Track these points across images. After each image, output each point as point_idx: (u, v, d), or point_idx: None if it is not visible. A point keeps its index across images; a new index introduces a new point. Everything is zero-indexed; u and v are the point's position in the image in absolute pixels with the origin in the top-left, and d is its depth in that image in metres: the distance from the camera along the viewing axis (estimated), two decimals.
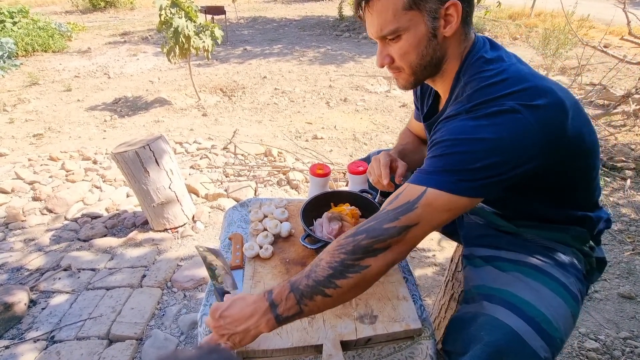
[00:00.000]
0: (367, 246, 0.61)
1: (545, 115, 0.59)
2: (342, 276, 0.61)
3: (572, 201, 0.76)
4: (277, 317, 0.62)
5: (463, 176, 0.60)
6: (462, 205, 0.62)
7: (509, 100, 0.59)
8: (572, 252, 0.77)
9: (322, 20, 9.05)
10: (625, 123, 3.15)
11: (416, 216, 0.61)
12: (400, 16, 0.63)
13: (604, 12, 7.79)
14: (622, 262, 1.78)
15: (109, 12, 11.32)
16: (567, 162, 0.68)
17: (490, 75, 0.63)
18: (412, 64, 0.68)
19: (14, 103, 4.18)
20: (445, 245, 1.98)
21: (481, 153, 0.59)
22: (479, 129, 0.59)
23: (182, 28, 3.30)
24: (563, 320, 0.67)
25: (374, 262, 0.61)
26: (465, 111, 0.62)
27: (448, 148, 0.61)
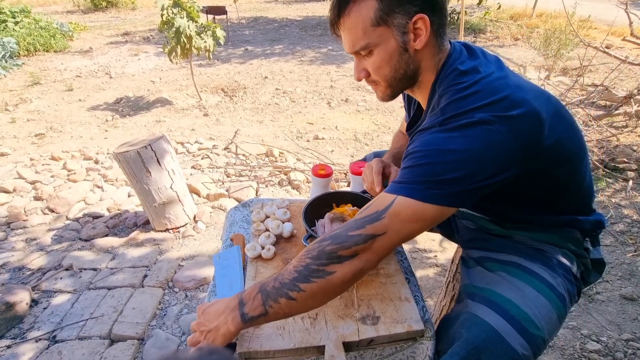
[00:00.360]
0: (331, 252, 0.61)
1: (518, 126, 0.59)
2: (306, 280, 0.61)
3: (561, 206, 0.76)
4: (242, 315, 0.63)
5: (432, 186, 0.60)
6: (431, 214, 0.61)
7: (481, 113, 0.59)
8: (562, 253, 0.77)
9: (324, 21, 9.05)
10: (627, 124, 3.14)
11: (383, 225, 0.61)
12: (370, 32, 0.65)
13: (605, 12, 7.78)
14: (624, 264, 1.78)
15: (110, 12, 11.35)
16: (547, 170, 0.68)
17: (463, 88, 0.63)
18: (386, 77, 0.70)
19: (16, 103, 4.19)
20: (447, 246, 1.98)
21: (451, 164, 0.59)
22: (449, 140, 0.60)
23: (184, 28, 3.30)
24: (546, 320, 0.67)
25: (339, 268, 0.61)
26: (438, 124, 0.63)
27: (419, 159, 0.62)
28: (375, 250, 0.62)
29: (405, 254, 0.96)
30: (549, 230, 0.78)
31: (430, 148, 0.61)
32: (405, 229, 0.62)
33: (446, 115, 0.62)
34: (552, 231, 0.78)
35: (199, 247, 1.98)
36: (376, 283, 0.82)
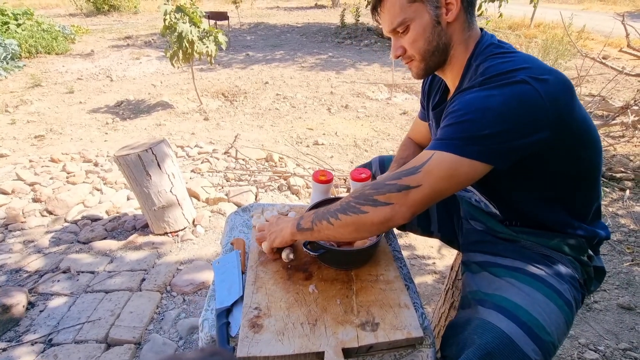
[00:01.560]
0: (368, 195, 0.69)
1: (553, 90, 0.63)
2: (343, 212, 0.71)
3: (573, 204, 0.77)
4: (298, 225, 0.79)
5: (470, 141, 0.63)
6: (465, 170, 0.64)
7: (520, 73, 0.63)
8: (568, 261, 0.78)
9: (324, 27, 9.14)
10: (624, 134, 3.18)
11: (418, 178, 0.65)
12: (406, 9, 0.72)
13: (603, 24, 7.89)
14: (621, 273, 1.78)
15: (112, 16, 11.42)
16: (574, 147, 0.70)
17: (501, 54, 0.69)
18: (420, 50, 0.75)
19: (16, 104, 4.19)
20: (445, 253, 1.98)
21: (490, 120, 0.62)
22: (489, 98, 0.63)
23: (186, 33, 3.33)
24: (556, 326, 0.67)
25: (372, 210, 0.68)
26: (478, 84, 0.67)
27: (459, 117, 0.65)
28: (407, 201, 0.66)
29: (405, 261, 0.97)
30: (557, 237, 0.78)
31: (470, 106, 0.64)
32: (439, 185, 0.65)
33: (486, 76, 0.66)
34: (559, 238, 0.78)
35: (197, 251, 1.98)
36: (376, 289, 0.83)
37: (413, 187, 0.65)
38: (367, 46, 7.07)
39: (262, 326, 0.73)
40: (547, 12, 8.76)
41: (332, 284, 0.84)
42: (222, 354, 0.36)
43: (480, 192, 0.84)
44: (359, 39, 7.59)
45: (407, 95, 4.51)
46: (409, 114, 3.91)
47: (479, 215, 0.89)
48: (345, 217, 0.70)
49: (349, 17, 9.03)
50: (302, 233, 0.78)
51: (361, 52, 6.67)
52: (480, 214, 0.88)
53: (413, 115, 3.86)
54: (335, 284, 0.84)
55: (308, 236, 0.78)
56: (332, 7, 13.39)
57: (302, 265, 0.90)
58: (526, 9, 7.75)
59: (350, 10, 9.21)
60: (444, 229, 1.07)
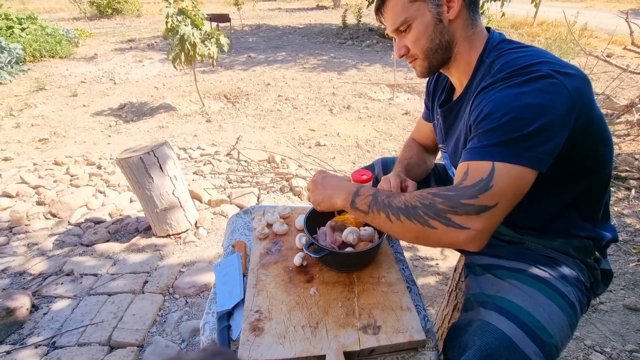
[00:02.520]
0: (441, 210, 0.62)
1: (577, 83, 0.62)
2: (408, 217, 0.66)
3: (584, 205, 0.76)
4: (352, 202, 0.74)
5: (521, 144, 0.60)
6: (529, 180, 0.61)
7: (543, 66, 0.62)
8: (574, 263, 0.77)
9: (326, 28, 9.14)
10: (629, 132, 3.14)
11: (492, 196, 0.59)
12: (408, 8, 0.73)
13: (607, 21, 7.83)
14: (627, 273, 1.76)
15: (115, 19, 11.50)
16: (594, 143, 0.69)
17: (517, 49, 0.69)
18: (423, 48, 0.75)
19: (21, 108, 4.23)
20: (449, 255, 1.97)
21: (531, 117, 0.60)
22: (522, 95, 0.61)
23: (188, 35, 3.34)
24: (558, 328, 0.66)
25: (442, 229, 0.62)
26: (502, 79, 0.65)
27: (499, 119, 0.62)
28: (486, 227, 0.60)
29: (407, 263, 0.96)
30: (563, 239, 0.77)
31: (506, 106, 0.61)
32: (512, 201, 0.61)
33: (507, 70, 0.65)
34: (565, 240, 0.77)
35: (200, 253, 1.98)
36: (377, 292, 0.82)
37: (491, 207, 0.60)
38: (369, 47, 7.06)
39: (263, 329, 0.73)
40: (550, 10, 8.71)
41: (333, 286, 0.83)
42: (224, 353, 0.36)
43: None
44: (360, 40, 7.59)
45: (409, 96, 4.50)
46: (411, 114, 3.90)
47: None
48: (409, 222, 0.65)
49: (351, 18, 9.03)
50: (355, 211, 0.74)
51: (363, 52, 6.67)
52: None
53: (415, 116, 3.84)
54: (337, 287, 0.83)
55: (360, 216, 0.74)
56: (334, 8, 13.41)
57: (303, 267, 0.89)
58: (528, 7, 7.71)
59: (352, 10, 9.21)
60: None
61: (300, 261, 0.88)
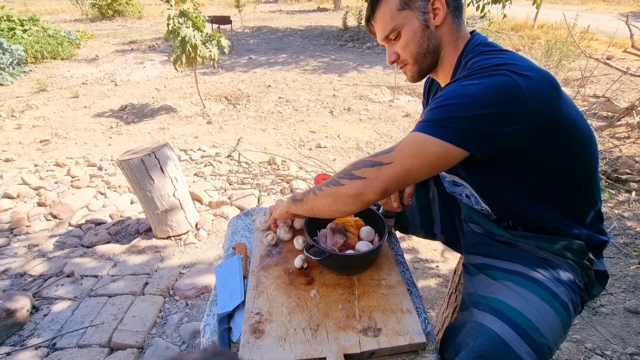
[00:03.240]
0: (347, 170, 0.74)
1: (535, 84, 0.63)
2: (326, 185, 0.77)
3: (568, 204, 0.77)
4: (293, 197, 0.87)
5: (444, 123, 0.65)
6: (433, 150, 0.65)
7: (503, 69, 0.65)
8: (567, 264, 0.78)
9: (327, 31, 9.17)
10: (630, 135, 3.14)
11: (390, 156, 0.69)
12: (396, 16, 0.77)
13: (607, 24, 7.85)
14: (627, 276, 1.76)
15: (117, 21, 11.55)
16: (561, 143, 0.70)
17: (489, 52, 0.72)
18: (413, 53, 0.79)
19: (22, 109, 4.24)
20: (449, 257, 1.97)
21: (466, 105, 0.63)
22: (468, 86, 0.65)
23: (190, 37, 3.35)
24: (551, 328, 0.67)
25: (348, 183, 0.72)
26: (464, 77, 0.69)
27: (438, 103, 0.67)
28: (379, 176, 0.69)
29: (407, 265, 0.96)
30: (555, 240, 0.78)
31: (450, 93, 0.67)
32: (408, 162, 0.67)
33: (471, 70, 0.69)
34: (558, 242, 0.78)
35: (200, 254, 1.98)
36: (378, 294, 0.82)
37: (385, 164, 0.68)
38: (370, 49, 7.08)
39: (263, 332, 0.73)
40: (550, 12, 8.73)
41: (334, 288, 0.83)
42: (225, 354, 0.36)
43: (470, 185, 0.84)
44: (361, 42, 7.61)
45: (409, 98, 4.50)
46: (411, 116, 3.91)
47: (477, 218, 0.89)
48: (327, 188, 0.76)
49: (352, 20, 9.06)
50: (295, 204, 0.86)
51: (363, 54, 6.68)
52: (479, 217, 0.88)
53: (416, 118, 3.85)
54: (337, 289, 0.83)
55: (299, 207, 0.85)
56: (335, 10, 13.45)
57: (303, 270, 0.89)
58: (529, 10, 7.73)
59: (352, 13, 9.24)
60: (447, 232, 1.06)
61: (301, 263, 0.88)
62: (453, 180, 0.88)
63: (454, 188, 0.91)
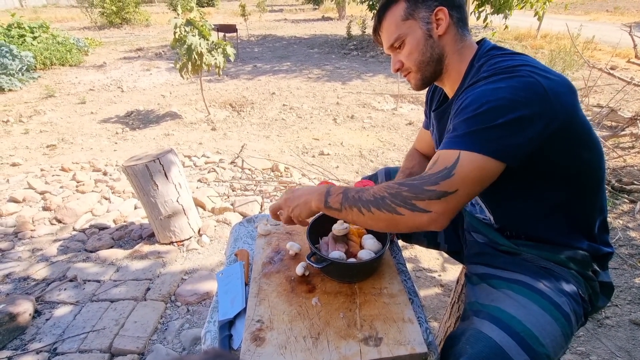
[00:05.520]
0: (406, 198, 0.67)
1: (556, 86, 0.65)
2: (377, 207, 0.70)
3: (574, 214, 0.76)
4: (325, 201, 0.76)
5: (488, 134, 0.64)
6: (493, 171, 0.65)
7: (524, 68, 0.66)
8: (570, 274, 0.77)
9: (331, 39, 9.26)
10: (634, 145, 3.13)
11: (454, 183, 0.64)
12: (400, 26, 0.79)
13: (610, 34, 7.87)
14: (633, 288, 1.74)
15: (124, 29, 11.74)
16: (576, 146, 0.70)
17: (505, 54, 0.73)
18: (416, 61, 0.81)
19: (30, 114, 4.30)
20: (451, 266, 1.96)
21: (502, 110, 0.63)
22: (497, 90, 0.65)
23: (195, 45, 3.41)
24: (551, 338, 0.67)
25: (409, 214, 0.67)
26: (484, 78, 0.70)
27: (473, 111, 0.66)
28: (447, 209, 0.65)
29: (409, 274, 0.96)
30: (559, 250, 0.78)
31: (481, 99, 0.66)
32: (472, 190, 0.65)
33: (491, 71, 0.69)
34: (561, 252, 0.77)
35: (202, 261, 1.98)
36: (379, 303, 0.82)
37: (450, 193, 0.64)
38: (373, 57, 7.13)
39: (264, 339, 0.73)
40: (554, 22, 8.78)
41: (335, 296, 0.83)
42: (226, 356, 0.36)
43: None
44: (365, 50, 7.67)
45: (412, 106, 4.52)
46: (414, 124, 3.92)
47: (481, 227, 0.89)
48: (379, 212, 0.69)
49: (356, 29, 9.15)
50: (329, 210, 0.77)
51: (367, 63, 6.74)
52: (482, 226, 0.88)
53: (419, 126, 3.86)
54: (339, 297, 0.83)
55: (334, 214, 0.77)
56: (339, 19, 13.60)
57: (305, 277, 0.89)
58: (532, 20, 7.77)
59: (356, 22, 9.34)
60: (450, 241, 1.06)
61: (303, 271, 0.88)
62: None
63: None
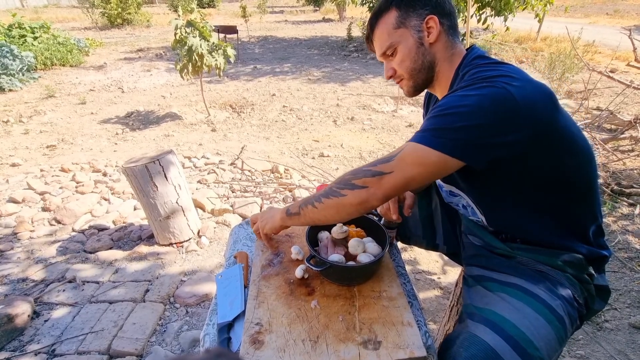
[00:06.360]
0: (347, 180, 0.76)
1: (529, 96, 0.65)
2: (326, 196, 0.78)
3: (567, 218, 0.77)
4: (287, 211, 0.87)
5: (441, 134, 0.67)
6: (433, 160, 0.67)
7: (500, 79, 0.67)
8: (566, 278, 0.77)
9: (331, 41, 9.28)
10: (634, 148, 3.13)
11: (390, 166, 0.71)
12: (392, 34, 0.81)
13: (610, 37, 7.89)
14: (632, 291, 1.74)
15: (125, 29, 11.76)
16: (557, 154, 0.70)
17: (485, 64, 0.75)
18: (408, 69, 0.83)
19: (30, 114, 4.30)
20: (450, 268, 1.95)
21: (463, 116, 0.65)
22: (465, 97, 0.67)
23: (196, 47, 3.41)
24: (545, 342, 0.67)
25: (350, 193, 0.74)
26: (461, 88, 0.71)
27: (436, 113, 0.70)
28: (381, 185, 0.72)
29: (409, 277, 0.96)
30: (554, 253, 0.78)
31: (447, 104, 0.69)
32: (408, 171, 0.70)
33: (468, 81, 0.71)
34: (556, 255, 0.78)
35: (201, 262, 1.98)
36: (378, 306, 0.82)
37: (386, 173, 0.71)
38: (373, 59, 7.14)
39: (263, 342, 0.73)
40: (554, 25, 8.80)
41: (334, 299, 0.83)
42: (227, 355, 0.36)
43: (468, 195, 0.84)
44: (365, 52, 7.69)
45: (412, 108, 4.53)
46: (414, 126, 3.92)
47: (476, 230, 0.89)
48: (328, 200, 0.77)
49: (356, 31, 9.17)
50: (290, 218, 0.86)
51: (367, 64, 6.75)
52: (478, 228, 0.88)
53: (418, 128, 3.86)
54: (338, 300, 0.83)
55: (296, 221, 0.86)
56: (339, 20, 13.63)
57: (304, 280, 0.89)
58: (532, 22, 7.79)
59: (357, 23, 9.36)
60: (449, 242, 1.06)
61: (302, 274, 0.88)
62: (450, 190, 0.89)
63: (451, 198, 0.92)
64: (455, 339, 0.71)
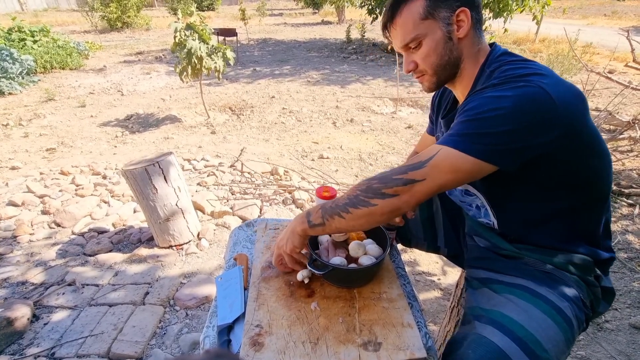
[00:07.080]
0: (376, 189, 0.71)
1: (565, 95, 0.64)
2: (354, 206, 0.73)
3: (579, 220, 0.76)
4: (308, 221, 0.80)
5: (478, 139, 0.64)
6: (468, 167, 0.65)
7: (534, 78, 0.64)
8: (573, 280, 0.77)
9: (330, 43, 9.30)
10: (633, 149, 3.14)
11: (423, 173, 0.68)
12: (419, 25, 0.74)
13: (608, 38, 7.91)
14: (632, 291, 1.74)
15: (125, 33, 11.78)
16: (584, 155, 0.70)
17: (517, 61, 0.72)
18: (433, 64, 0.77)
19: (30, 118, 4.31)
20: (451, 270, 1.95)
21: (499, 119, 0.63)
22: (501, 99, 0.64)
23: (195, 49, 3.42)
24: (554, 343, 0.66)
25: (380, 202, 0.70)
26: (492, 85, 0.68)
27: (471, 115, 0.67)
28: (413, 193, 0.69)
29: (409, 278, 0.96)
30: (561, 255, 0.77)
31: (483, 106, 0.66)
32: (442, 178, 0.67)
33: (501, 78, 0.68)
34: (564, 256, 0.77)
35: (201, 264, 1.98)
36: (378, 308, 0.82)
37: (418, 181, 0.68)
38: (373, 61, 7.16)
39: (263, 344, 0.73)
40: (552, 27, 8.83)
41: (334, 301, 0.83)
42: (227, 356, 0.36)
43: (484, 196, 0.83)
44: (364, 54, 7.71)
45: (412, 110, 4.54)
46: (414, 127, 3.93)
47: (483, 231, 0.88)
48: (357, 210, 0.73)
49: (355, 33, 9.19)
50: (314, 229, 0.80)
51: (366, 66, 6.76)
52: (484, 230, 0.88)
53: (418, 129, 3.87)
54: (338, 302, 0.83)
55: (319, 231, 0.80)
56: (338, 23, 13.67)
57: (304, 282, 0.89)
58: (530, 24, 7.82)
59: (356, 26, 9.39)
60: (450, 244, 1.06)
61: (302, 277, 0.88)
62: (466, 189, 0.87)
63: (464, 197, 0.90)
64: (462, 340, 0.71)
